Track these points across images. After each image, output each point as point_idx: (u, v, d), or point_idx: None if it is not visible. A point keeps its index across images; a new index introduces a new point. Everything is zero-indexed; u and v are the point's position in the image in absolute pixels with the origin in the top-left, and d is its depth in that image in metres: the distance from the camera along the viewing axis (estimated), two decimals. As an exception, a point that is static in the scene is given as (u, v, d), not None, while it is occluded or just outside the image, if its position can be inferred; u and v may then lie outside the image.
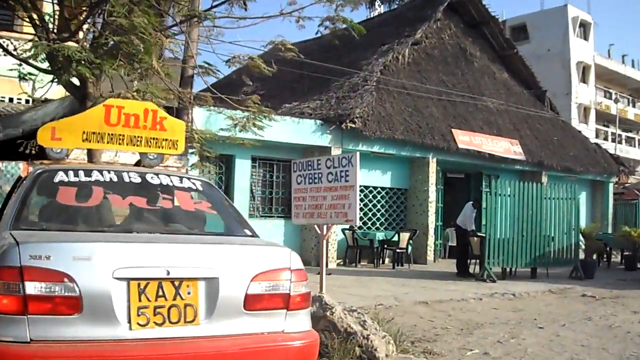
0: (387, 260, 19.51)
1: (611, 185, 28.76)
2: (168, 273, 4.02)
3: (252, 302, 4.29)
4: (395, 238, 18.49)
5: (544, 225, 16.80)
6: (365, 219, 20.16)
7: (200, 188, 5.67)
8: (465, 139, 21.05)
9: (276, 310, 4.41)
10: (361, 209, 19.95)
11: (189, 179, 5.71)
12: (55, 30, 9.98)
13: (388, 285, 14.26)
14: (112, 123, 6.48)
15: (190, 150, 14.73)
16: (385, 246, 18.95)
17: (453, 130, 21.02)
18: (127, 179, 5.27)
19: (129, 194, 5.19)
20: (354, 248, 18.80)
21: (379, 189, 20.40)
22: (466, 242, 16.69)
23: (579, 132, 29.74)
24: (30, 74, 11.26)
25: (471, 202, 17.21)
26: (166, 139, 6.75)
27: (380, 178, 20.39)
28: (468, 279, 16.00)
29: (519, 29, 55.12)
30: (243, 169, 18.05)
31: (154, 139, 6.69)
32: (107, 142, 6.55)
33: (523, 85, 27.16)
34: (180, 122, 7.11)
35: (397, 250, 18.60)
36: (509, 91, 25.95)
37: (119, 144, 6.62)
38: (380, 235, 18.79)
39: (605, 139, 53.93)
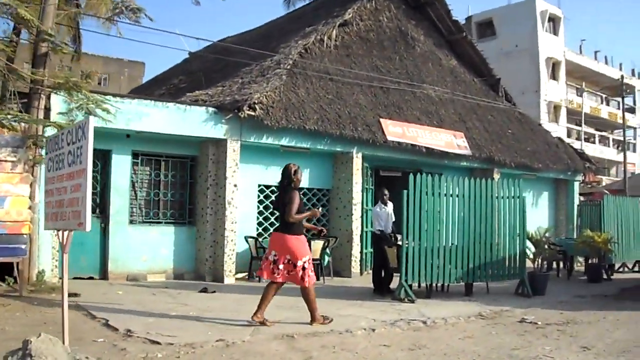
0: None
1: (576, 184, 25.76)
2: None
3: None
4: (305, 247, 15.38)
5: (480, 231, 13.71)
6: (277, 224, 16.98)
7: None
8: (396, 131, 17.99)
9: None
10: (272, 213, 16.89)
11: None
12: None
13: (269, 308, 11.02)
14: None
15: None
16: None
17: (382, 120, 17.96)
18: None
19: None
20: (258, 259, 15.60)
21: (294, 189, 17.28)
22: (383, 250, 13.64)
23: (539, 124, 26.73)
24: None
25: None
26: None
27: (296, 177, 17.27)
28: (385, 298, 12.95)
29: (486, 25, 52.89)
30: (122, 167, 15.03)
31: None
32: None
33: (474, 73, 24.20)
34: None
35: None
36: (457, 79, 22.96)
37: None
38: (289, 245, 15.62)
39: (578, 138, 51.39)
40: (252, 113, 15.03)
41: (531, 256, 14.81)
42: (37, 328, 8.56)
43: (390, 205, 14.22)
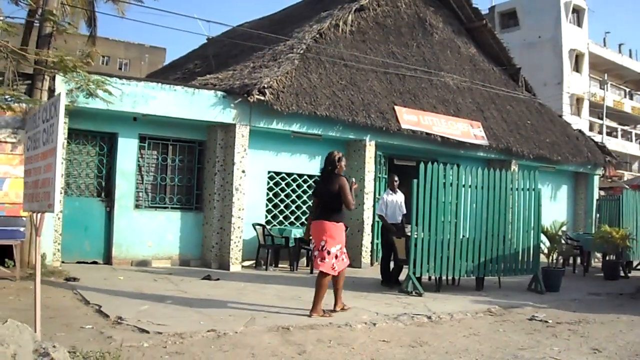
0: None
1: (596, 178, 25.10)
2: None
3: None
4: (313, 236, 15.02)
5: (493, 223, 13.23)
6: (287, 212, 16.71)
7: None
8: (411, 119, 17.53)
9: None
10: (282, 201, 16.56)
11: None
12: None
13: (270, 299, 10.86)
14: None
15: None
16: (305, 246, 15.36)
17: (397, 107, 17.50)
18: None
19: None
20: (266, 247, 15.30)
21: (305, 177, 16.94)
22: (390, 241, 13.21)
23: (560, 116, 26.05)
24: None
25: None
26: None
27: (307, 164, 16.91)
28: (393, 290, 12.55)
29: (509, 15, 52.23)
30: (128, 150, 14.76)
31: None
32: None
33: (494, 61, 23.60)
34: None
35: (317, 252, 15.18)
36: (475, 67, 22.40)
37: None
38: (297, 233, 15.30)
39: (600, 132, 50.60)
40: (262, 97, 14.64)
41: (545, 251, 14.30)
42: (27, 312, 8.29)
43: (400, 194, 13.77)
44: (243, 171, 15.03)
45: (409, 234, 12.64)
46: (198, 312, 9.25)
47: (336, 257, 9.37)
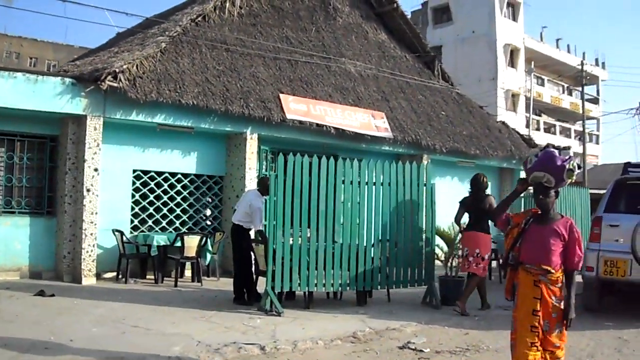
0: (187, 272, 14.08)
1: (522, 174, 23.38)
2: None
3: None
4: (179, 243, 13.04)
5: (375, 226, 11.38)
6: (157, 216, 14.65)
7: None
8: (300, 108, 15.62)
9: None
10: (151, 203, 14.52)
11: None
12: None
13: (85, 322, 8.92)
14: None
15: None
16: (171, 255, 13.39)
17: (282, 96, 15.57)
18: None
19: None
20: (126, 257, 13.27)
21: (179, 175, 14.90)
22: (245, 249, 11.21)
23: (481, 107, 24.26)
24: None
25: (257, 188, 11.82)
26: None
27: (180, 161, 14.89)
28: (252, 307, 10.56)
29: (442, 10, 50.89)
30: (-35, 149, 12.57)
31: None
32: None
33: (407, 49, 21.84)
34: None
35: (183, 260, 13.26)
36: (384, 54, 20.61)
37: None
38: (160, 240, 13.28)
39: (538, 129, 49.41)
40: (115, 84, 12.63)
41: (443, 257, 12.50)
42: None
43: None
44: (96, 169, 12.98)
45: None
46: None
47: (484, 261, 10.98)
